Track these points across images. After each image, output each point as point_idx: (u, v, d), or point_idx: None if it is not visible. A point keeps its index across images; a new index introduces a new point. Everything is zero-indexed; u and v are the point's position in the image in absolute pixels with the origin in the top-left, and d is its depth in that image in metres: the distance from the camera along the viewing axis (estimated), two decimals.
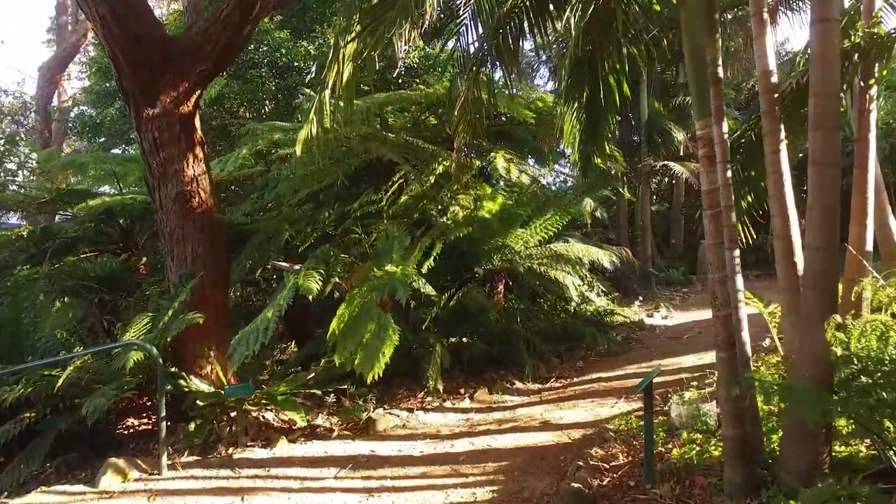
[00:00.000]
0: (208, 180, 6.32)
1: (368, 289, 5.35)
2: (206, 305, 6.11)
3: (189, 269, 6.12)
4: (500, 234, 9.26)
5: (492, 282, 9.72)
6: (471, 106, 5.32)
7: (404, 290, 4.93)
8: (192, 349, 6.18)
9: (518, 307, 9.54)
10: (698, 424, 3.91)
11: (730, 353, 3.23)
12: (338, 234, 6.98)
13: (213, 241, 6.27)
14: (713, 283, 3.30)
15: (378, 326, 4.95)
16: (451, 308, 8.73)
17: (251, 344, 5.05)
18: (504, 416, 5.98)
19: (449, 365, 7.00)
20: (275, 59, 10.97)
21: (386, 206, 6.86)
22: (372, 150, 6.30)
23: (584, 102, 4.72)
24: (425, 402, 6.56)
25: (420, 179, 6.70)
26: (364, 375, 4.98)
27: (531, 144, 9.54)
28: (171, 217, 6.08)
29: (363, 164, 8.13)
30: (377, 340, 4.90)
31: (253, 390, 5.65)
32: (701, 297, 12.72)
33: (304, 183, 6.73)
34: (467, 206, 7.65)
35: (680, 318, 10.19)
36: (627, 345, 8.46)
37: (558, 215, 9.70)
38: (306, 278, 5.35)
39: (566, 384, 6.91)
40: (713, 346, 7.07)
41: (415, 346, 7.27)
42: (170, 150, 5.93)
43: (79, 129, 11.96)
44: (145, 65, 5.62)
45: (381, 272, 5.37)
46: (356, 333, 5.15)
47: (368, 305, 5.23)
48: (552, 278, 9.17)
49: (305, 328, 9.22)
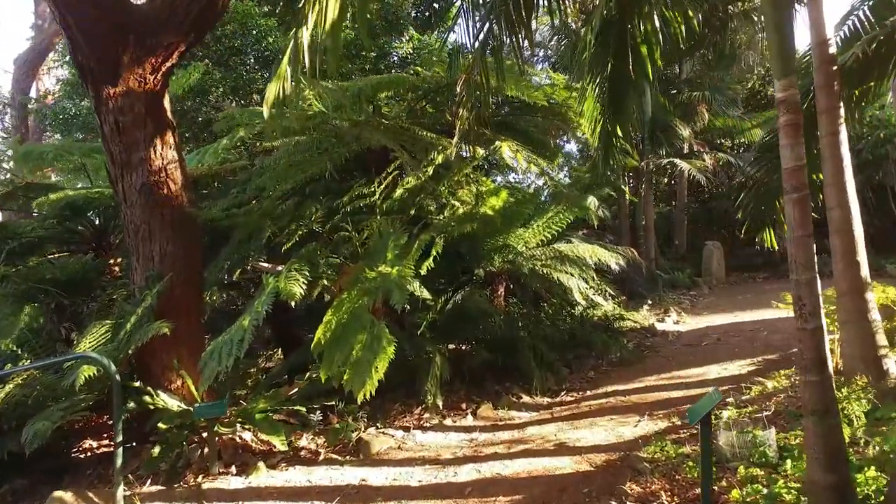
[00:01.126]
0: (180, 170, 5.62)
1: (359, 293, 4.67)
2: (176, 311, 5.43)
3: (156, 270, 5.42)
4: (502, 233, 8.63)
5: (492, 284, 9.08)
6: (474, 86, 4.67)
7: (401, 294, 4.25)
8: (161, 360, 5.49)
9: (521, 311, 8.90)
10: (755, 456, 3.26)
11: (821, 377, 2.56)
12: (326, 232, 6.29)
13: (184, 239, 5.58)
14: (798, 285, 2.64)
15: (370, 337, 4.27)
16: (450, 312, 8.07)
17: (224, 358, 4.35)
18: (512, 436, 5.30)
19: (449, 376, 6.32)
20: (261, 49, 10.28)
21: (379, 200, 6.17)
22: (364, 136, 5.61)
23: (608, 75, 4.05)
24: (423, 418, 5.87)
25: (417, 171, 6.01)
26: (354, 394, 4.29)
27: (536, 138, 8.89)
28: (137, 211, 5.38)
29: (354, 155, 7.45)
30: (369, 353, 4.21)
31: (226, 409, 4.96)
32: (710, 300, 12.13)
33: (289, 174, 6.04)
34: (468, 201, 6.98)
35: (693, 324, 9.55)
36: (641, 353, 7.81)
37: (562, 213, 9.10)
38: (288, 281, 4.66)
39: (579, 398, 6.24)
40: (736, 355, 6.42)
41: (411, 355, 6.59)
42: (134, 134, 5.23)
43: (51, 122, 11.19)
44: (104, 36, 4.92)
45: (374, 273, 4.69)
46: (345, 344, 4.47)
47: (359, 312, 4.55)
48: (556, 280, 8.56)
49: (293, 334, 8.53)
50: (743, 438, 3.36)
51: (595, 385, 6.62)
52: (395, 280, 4.44)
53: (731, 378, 6.03)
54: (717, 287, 14.16)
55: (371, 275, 4.68)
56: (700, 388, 5.84)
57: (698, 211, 19.27)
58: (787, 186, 2.58)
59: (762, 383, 5.13)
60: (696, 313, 10.55)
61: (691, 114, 14.63)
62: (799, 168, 2.53)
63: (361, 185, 6.05)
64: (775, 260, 16.23)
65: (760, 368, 6.21)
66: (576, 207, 8.10)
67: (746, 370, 6.24)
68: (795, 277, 2.63)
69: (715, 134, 17.32)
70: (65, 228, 7.79)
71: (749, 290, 13.29)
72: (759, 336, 7.86)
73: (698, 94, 14.36)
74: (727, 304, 11.18)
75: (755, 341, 7.59)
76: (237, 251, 6.88)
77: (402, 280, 4.53)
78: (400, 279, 4.46)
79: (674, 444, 4.10)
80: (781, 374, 5.35)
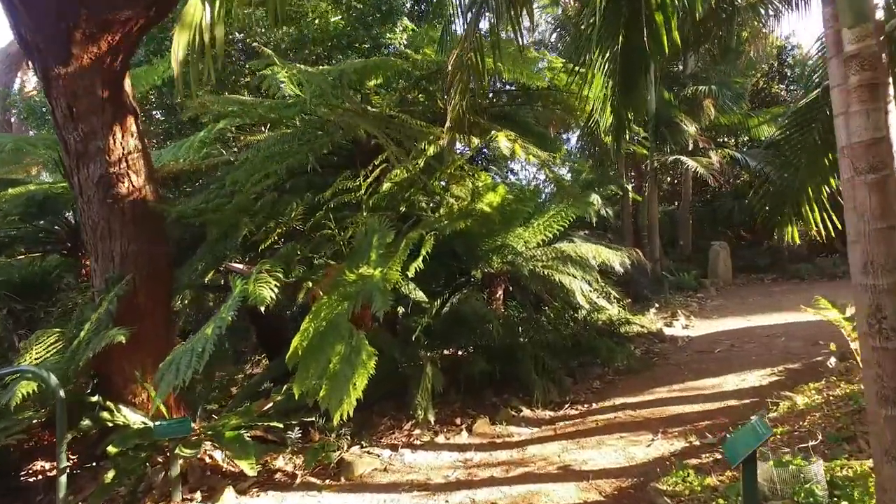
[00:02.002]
0: (143, 161, 5.09)
1: (338, 297, 4.14)
2: (139, 316, 4.90)
3: (117, 271, 4.89)
4: (501, 232, 8.11)
5: (490, 286, 8.56)
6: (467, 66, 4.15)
7: (383, 300, 3.71)
8: (123, 371, 4.98)
9: (521, 315, 8.37)
10: (801, 495, 2.72)
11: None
12: (307, 230, 5.76)
13: (149, 237, 5.05)
14: (873, 292, 2.09)
15: (349, 349, 3.73)
16: (445, 317, 7.55)
17: (182, 371, 3.81)
18: (511, 456, 4.76)
19: (443, 387, 5.78)
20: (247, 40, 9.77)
21: (365, 195, 5.64)
22: (348, 124, 5.07)
23: (619, 49, 3.52)
24: (413, 435, 5.34)
25: (407, 163, 5.48)
26: (330, 413, 3.75)
27: (536, 131, 8.37)
28: (94, 206, 4.85)
29: (342, 149, 6.93)
30: (347, 367, 3.68)
31: (191, 427, 4.42)
32: (718, 303, 11.60)
33: (264, 166, 5.51)
34: (463, 197, 6.45)
35: (703, 328, 9.02)
36: (650, 360, 7.27)
37: (564, 211, 8.60)
38: (258, 284, 4.12)
39: (584, 412, 5.70)
40: (754, 364, 5.86)
41: (402, 363, 6.07)
42: (90, 121, 4.69)
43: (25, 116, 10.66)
44: (50, 8, 4.38)
45: (355, 276, 4.16)
46: (321, 356, 3.94)
47: (338, 319, 4.02)
48: (558, 282, 8.05)
49: (281, 338, 7.99)
50: (783, 472, 2.83)
51: (601, 397, 6.08)
52: (377, 284, 3.90)
53: (752, 390, 5.50)
54: (724, 289, 13.63)
55: (351, 277, 4.14)
56: (718, 402, 5.31)
57: (702, 210, 18.76)
58: (858, 165, 2.04)
59: (790, 398, 4.60)
60: (706, 317, 10.01)
61: (697, 109, 14.10)
62: (877, 141, 2.00)
63: (345, 178, 5.52)
64: (782, 261, 15.72)
65: (782, 379, 5.68)
66: (579, 205, 7.56)
67: (767, 381, 5.71)
68: (870, 282, 2.08)
69: (719, 131, 16.82)
70: (37, 227, 7.27)
71: (757, 292, 12.76)
72: (776, 342, 7.32)
73: (704, 89, 13.83)
74: (737, 308, 10.64)
75: (772, 348, 7.06)
76: (212, 251, 6.36)
77: (385, 284, 3.99)
78: (383, 282, 3.92)
79: (697, 472, 3.56)
80: (810, 387, 4.82)
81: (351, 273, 4.18)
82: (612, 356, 7.10)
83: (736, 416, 4.83)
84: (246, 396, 6.29)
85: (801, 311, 9.31)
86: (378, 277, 3.99)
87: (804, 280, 13.73)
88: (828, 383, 4.77)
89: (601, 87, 3.69)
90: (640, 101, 3.96)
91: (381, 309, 3.67)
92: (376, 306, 3.72)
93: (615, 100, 3.79)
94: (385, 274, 4.11)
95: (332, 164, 7.18)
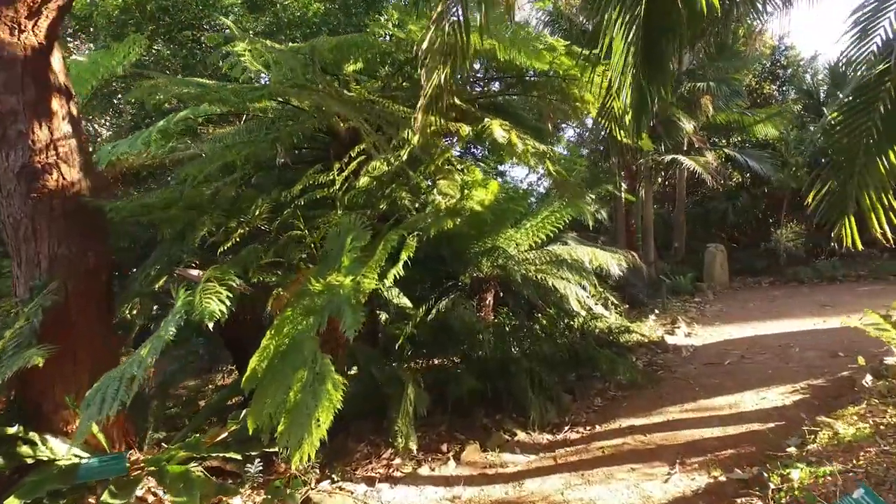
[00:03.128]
0: (79, 150, 4.36)
1: (302, 311, 3.44)
2: (71, 330, 4.19)
3: (44, 278, 4.16)
4: (491, 233, 7.47)
5: (480, 292, 7.91)
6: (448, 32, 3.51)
7: (354, 317, 3.02)
8: (52, 395, 4.24)
9: (513, 324, 7.73)
10: None
11: None
12: (273, 230, 5.05)
13: (83, 238, 4.32)
14: None
15: (311, 375, 3.04)
16: (431, 326, 6.88)
17: (108, 403, 3.10)
18: (506, 493, 4.10)
19: (427, 408, 5.11)
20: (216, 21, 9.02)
21: (340, 191, 4.94)
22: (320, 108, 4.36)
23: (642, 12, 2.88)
24: (393, 465, 4.66)
25: (387, 154, 4.80)
26: (290, 453, 3.06)
27: (531, 125, 7.72)
28: (16, 201, 4.12)
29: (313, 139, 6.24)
30: (309, 398, 2.99)
31: (125, 466, 3.72)
32: (718, 308, 11.03)
33: (222, 157, 4.81)
34: (451, 194, 5.77)
35: (707, 336, 8.42)
36: (654, 373, 6.65)
37: (560, 212, 8.00)
38: (205, 295, 3.41)
39: (586, 435, 5.06)
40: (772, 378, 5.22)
41: (381, 381, 5.39)
42: (7, 100, 3.96)
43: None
44: None
45: (321, 285, 3.46)
46: (280, 383, 3.24)
47: (300, 338, 3.32)
48: (552, 287, 7.43)
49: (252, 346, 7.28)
50: None
51: (605, 417, 5.44)
52: (347, 296, 3.21)
53: (775, 412, 4.88)
54: (721, 293, 13.10)
55: (317, 287, 3.45)
56: (738, 426, 4.69)
57: (694, 211, 18.27)
58: None
59: (829, 426, 3.97)
60: (707, 323, 9.43)
61: (693, 107, 13.56)
62: None
63: (317, 172, 4.82)
64: (779, 263, 15.25)
65: (808, 398, 5.07)
66: (578, 202, 6.94)
67: (790, 400, 5.10)
68: None
69: (713, 131, 16.32)
70: None
71: (756, 296, 12.23)
72: (791, 353, 6.73)
73: (702, 86, 13.29)
74: (739, 313, 10.08)
75: (788, 360, 6.46)
76: (168, 254, 5.64)
77: (358, 295, 3.30)
78: (356, 294, 3.24)
79: None
80: (849, 411, 4.20)
81: (317, 282, 3.49)
82: (614, 369, 6.46)
83: (763, 444, 4.21)
84: (212, 413, 5.58)
85: (808, 318, 8.84)
86: (349, 287, 3.30)
87: (804, 284, 13.23)
88: (870, 407, 4.16)
89: (621, 53, 3.03)
90: (668, 75, 3.34)
91: (352, 328, 2.98)
92: (346, 324, 3.03)
93: (638, 72, 3.15)
94: (358, 283, 3.42)
95: (305, 159, 6.49)
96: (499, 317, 8.05)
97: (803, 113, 17.35)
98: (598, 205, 11.16)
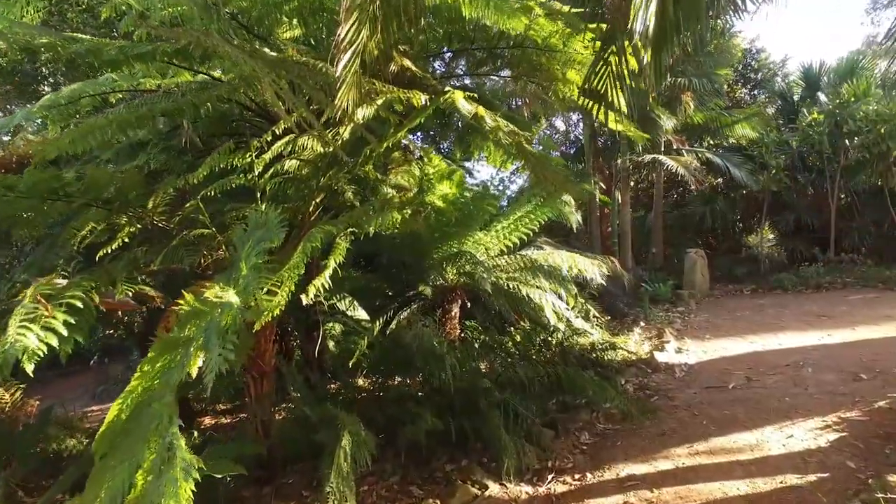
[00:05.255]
0: None
1: (164, 348, 2.30)
2: None
3: None
4: (456, 235, 6.42)
5: (444, 304, 6.85)
6: None
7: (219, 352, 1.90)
8: None
9: (482, 339, 6.68)
10: None
11: None
12: (174, 228, 3.89)
13: None
14: None
15: (161, 450, 1.90)
16: (384, 346, 5.81)
17: None
18: None
19: (374, 455, 3.98)
20: None
21: (261, 179, 3.81)
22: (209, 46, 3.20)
23: None
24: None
25: (320, 133, 3.69)
26: None
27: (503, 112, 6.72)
28: None
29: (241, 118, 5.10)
30: (157, 487, 1.85)
31: None
32: (703, 318, 10.16)
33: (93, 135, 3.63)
34: (408, 186, 4.70)
35: (700, 352, 7.48)
36: (648, 400, 5.65)
37: (534, 213, 7.02)
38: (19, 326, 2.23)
39: (576, 488, 4.00)
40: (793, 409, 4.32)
41: (315, 421, 4.26)
42: None
43: None
44: None
45: (199, 304, 2.33)
46: (124, 457, 2.09)
47: (157, 393, 2.18)
48: (526, 298, 6.44)
49: None
50: None
51: (596, 460, 4.39)
52: (227, 318, 2.08)
53: (812, 458, 3.90)
54: (703, 301, 12.28)
55: (187, 307, 2.32)
56: (769, 479, 3.69)
57: (670, 216, 17.56)
58: None
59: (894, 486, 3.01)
60: (697, 336, 8.52)
61: (674, 103, 12.79)
62: None
63: (227, 151, 3.69)
64: (759, 270, 14.58)
65: (847, 438, 4.11)
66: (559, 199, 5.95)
67: (825, 440, 4.14)
68: None
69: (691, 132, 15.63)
70: None
71: (743, 305, 11.43)
72: (805, 375, 5.82)
73: (683, 81, 12.52)
74: (728, 325, 9.22)
75: (803, 383, 5.54)
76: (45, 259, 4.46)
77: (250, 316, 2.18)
78: (235, 317, 2.11)
79: None
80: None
81: (195, 299, 2.35)
82: (603, 396, 5.41)
83: None
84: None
85: (810, 331, 8.00)
86: (234, 308, 2.17)
87: (787, 291, 12.50)
88: None
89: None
90: (701, 19, 2.36)
91: (211, 371, 1.86)
92: (208, 362, 1.91)
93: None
94: (253, 298, 2.30)
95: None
96: (466, 332, 7.01)
97: (777, 115, 16.89)
98: (572, 208, 10.26)
